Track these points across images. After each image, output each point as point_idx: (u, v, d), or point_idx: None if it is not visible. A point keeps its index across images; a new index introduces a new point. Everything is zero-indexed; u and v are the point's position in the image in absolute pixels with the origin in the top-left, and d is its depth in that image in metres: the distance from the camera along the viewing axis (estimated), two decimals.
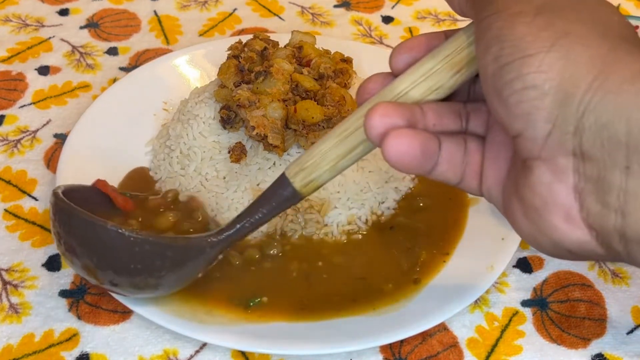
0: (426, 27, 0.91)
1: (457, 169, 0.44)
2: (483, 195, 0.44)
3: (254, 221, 0.51)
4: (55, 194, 0.53)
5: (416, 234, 0.64)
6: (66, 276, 0.60)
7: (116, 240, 0.50)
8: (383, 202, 0.66)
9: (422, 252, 0.62)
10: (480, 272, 0.59)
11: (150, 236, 0.52)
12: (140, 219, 0.58)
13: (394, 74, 0.45)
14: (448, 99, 0.44)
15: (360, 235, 0.64)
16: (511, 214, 0.41)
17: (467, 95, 0.46)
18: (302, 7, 0.93)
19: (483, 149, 0.44)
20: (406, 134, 0.41)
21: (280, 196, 0.49)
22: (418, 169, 0.42)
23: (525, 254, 0.65)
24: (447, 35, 0.44)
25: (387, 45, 0.87)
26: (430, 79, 0.42)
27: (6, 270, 0.61)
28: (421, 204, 0.67)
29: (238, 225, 0.51)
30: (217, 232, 0.53)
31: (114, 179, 0.66)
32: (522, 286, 0.62)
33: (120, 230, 0.50)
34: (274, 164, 0.63)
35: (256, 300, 0.57)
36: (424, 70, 0.43)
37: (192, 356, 0.56)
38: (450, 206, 0.66)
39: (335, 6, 0.94)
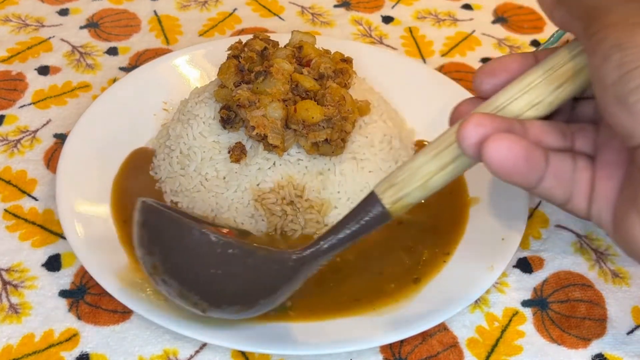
0: (426, 27, 0.91)
1: (566, 186, 0.42)
2: (591, 219, 0.43)
3: (339, 238, 0.48)
4: (141, 200, 0.52)
5: (418, 231, 0.64)
6: (66, 276, 0.60)
7: (199, 242, 0.48)
8: None
9: (425, 251, 0.62)
10: (480, 272, 0.59)
11: (233, 240, 0.49)
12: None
13: (482, 97, 0.44)
14: (549, 119, 0.43)
15: None
16: (626, 232, 0.40)
17: (567, 118, 0.45)
18: (302, 7, 0.93)
19: (593, 167, 0.42)
20: (507, 137, 0.39)
21: (368, 213, 0.47)
22: (522, 179, 0.41)
23: (525, 254, 0.65)
24: (537, 56, 0.43)
25: (387, 45, 0.87)
26: (529, 93, 0.41)
27: (6, 270, 0.61)
28: (422, 200, 0.67)
29: (322, 242, 0.49)
30: (300, 249, 0.50)
31: (114, 179, 0.67)
32: (522, 286, 0.62)
33: (203, 231, 0.48)
34: (274, 164, 0.63)
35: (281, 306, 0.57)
36: (524, 84, 0.42)
37: (192, 356, 0.56)
38: (451, 201, 0.66)
39: (335, 6, 0.94)
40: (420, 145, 0.73)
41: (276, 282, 0.50)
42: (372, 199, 0.46)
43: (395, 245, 0.63)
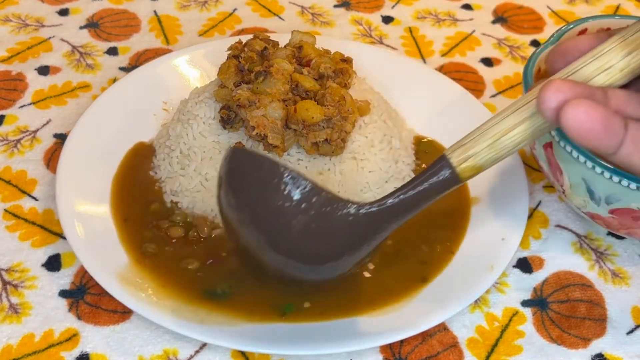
0: (426, 27, 0.91)
1: None
2: None
3: (405, 197, 0.47)
4: (231, 147, 0.50)
5: (435, 225, 0.64)
6: (66, 276, 0.60)
7: (272, 174, 0.47)
8: None
9: (437, 245, 0.63)
10: (480, 272, 0.59)
11: (302, 175, 0.47)
12: None
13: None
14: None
15: None
16: None
17: None
18: (302, 7, 0.93)
19: None
20: (585, 103, 0.40)
21: (435, 174, 0.46)
22: (600, 144, 0.41)
23: (525, 254, 0.65)
24: (611, 34, 0.44)
25: (387, 45, 0.87)
26: (600, 59, 0.42)
27: (6, 270, 0.61)
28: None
29: (387, 199, 0.47)
30: (367, 203, 0.48)
31: (114, 179, 0.67)
32: (522, 286, 0.62)
33: (275, 160, 0.47)
34: None
35: (292, 306, 0.57)
36: (596, 52, 0.43)
37: (192, 356, 0.56)
38: (454, 199, 0.66)
39: (335, 6, 0.94)
40: (418, 142, 0.73)
41: (339, 229, 0.48)
42: (440, 158, 0.46)
43: (401, 243, 0.63)
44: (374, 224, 0.48)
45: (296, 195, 0.47)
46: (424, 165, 0.71)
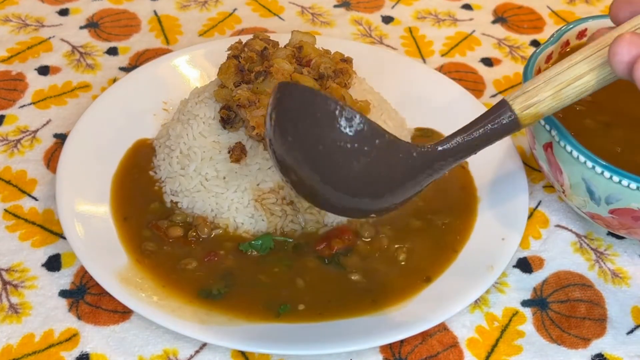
0: (426, 27, 0.91)
1: None
2: None
3: (464, 140, 0.46)
4: (280, 82, 0.49)
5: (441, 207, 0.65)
6: (66, 276, 0.60)
7: (328, 111, 0.45)
8: None
9: (446, 236, 0.63)
10: (480, 272, 0.59)
11: (364, 116, 0.46)
12: None
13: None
14: None
15: None
16: None
17: None
18: (302, 7, 0.93)
19: None
20: None
21: (496, 118, 0.46)
22: None
23: (525, 254, 0.65)
24: None
25: (387, 45, 0.87)
26: None
27: (6, 270, 0.61)
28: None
29: (447, 143, 0.47)
30: (421, 144, 0.48)
31: (114, 179, 0.67)
32: (522, 286, 0.62)
33: (330, 96, 0.46)
34: None
35: (287, 307, 0.57)
36: None
37: (192, 356, 0.56)
38: (460, 198, 0.67)
39: (335, 6, 0.94)
40: (416, 135, 0.73)
41: (398, 169, 0.47)
42: (501, 104, 0.46)
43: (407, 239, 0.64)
44: (427, 163, 0.47)
45: (348, 129, 0.45)
46: None
